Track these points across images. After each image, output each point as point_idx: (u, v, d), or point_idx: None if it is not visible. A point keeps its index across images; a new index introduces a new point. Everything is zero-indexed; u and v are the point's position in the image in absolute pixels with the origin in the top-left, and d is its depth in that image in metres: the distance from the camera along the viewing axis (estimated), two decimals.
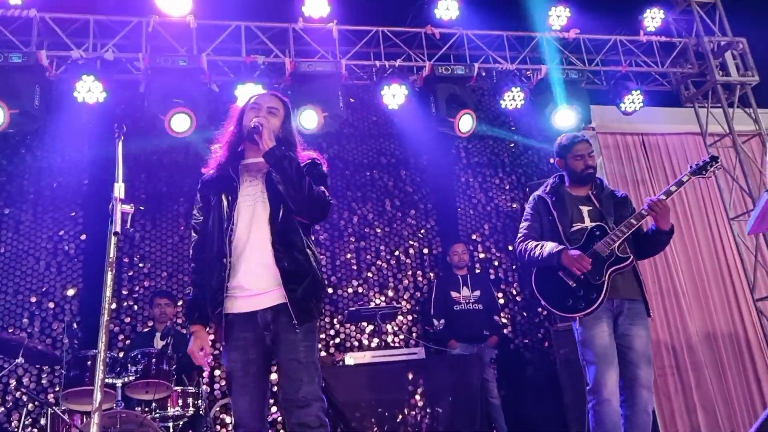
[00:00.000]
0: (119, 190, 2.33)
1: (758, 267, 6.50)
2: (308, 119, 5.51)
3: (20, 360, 4.32)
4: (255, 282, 2.55)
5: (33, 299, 5.69)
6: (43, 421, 4.39)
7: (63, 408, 4.25)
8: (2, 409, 5.33)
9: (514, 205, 7.13)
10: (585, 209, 3.54)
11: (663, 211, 3.31)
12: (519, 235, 3.68)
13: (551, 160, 7.24)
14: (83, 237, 5.95)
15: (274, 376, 2.63)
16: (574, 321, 3.42)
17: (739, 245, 6.56)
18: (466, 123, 5.78)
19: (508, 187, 7.19)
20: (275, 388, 2.67)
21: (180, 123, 5.20)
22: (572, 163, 3.58)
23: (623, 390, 3.30)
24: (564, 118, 6.00)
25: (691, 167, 3.48)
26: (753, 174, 6.61)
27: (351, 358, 4.80)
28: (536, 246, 3.49)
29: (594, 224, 3.47)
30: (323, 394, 2.50)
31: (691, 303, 6.99)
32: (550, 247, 3.42)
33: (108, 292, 2.15)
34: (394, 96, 5.78)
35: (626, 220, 3.38)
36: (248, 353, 2.54)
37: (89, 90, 5.11)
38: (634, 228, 3.36)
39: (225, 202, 2.63)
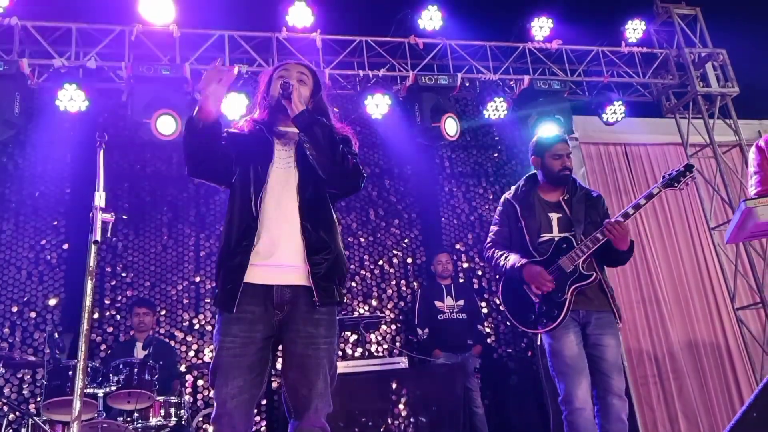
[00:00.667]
0: (100, 198, 2.33)
1: (738, 276, 6.58)
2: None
3: (0, 370, 4.28)
4: (277, 253, 2.32)
5: (14, 309, 5.63)
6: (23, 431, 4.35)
7: (44, 418, 4.20)
8: None
9: None
10: (555, 217, 3.48)
11: (620, 235, 3.26)
12: (488, 240, 3.63)
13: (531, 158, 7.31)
14: (65, 246, 5.91)
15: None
16: (534, 336, 3.43)
17: (720, 254, 6.64)
18: (451, 126, 5.81)
19: (491, 197, 7.23)
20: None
21: (166, 125, 5.18)
22: (550, 162, 3.49)
23: (597, 400, 3.30)
24: (546, 130, 6.05)
25: (663, 177, 3.45)
26: (733, 184, 6.70)
27: None
28: (501, 255, 3.45)
29: (561, 236, 3.40)
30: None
31: (673, 311, 7.05)
32: (513, 259, 3.38)
33: (88, 302, 2.14)
34: (378, 106, 5.81)
35: (592, 235, 3.30)
36: (254, 329, 2.27)
37: (71, 98, 5.09)
38: (600, 243, 3.29)
39: (256, 164, 2.43)
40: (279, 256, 2.32)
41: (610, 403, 3.25)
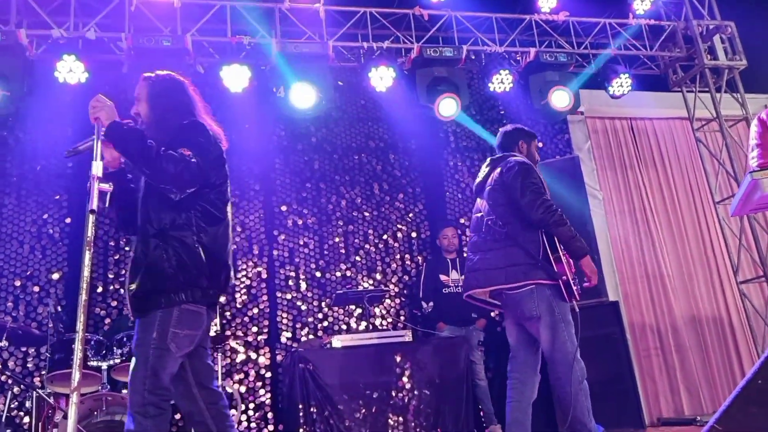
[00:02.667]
0: (97, 168, 2.30)
1: (742, 250, 6.56)
2: (301, 96, 5.50)
3: (4, 343, 4.29)
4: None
5: (17, 283, 5.62)
6: (28, 404, 4.39)
7: (48, 391, 4.23)
8: None
9: None
10: None
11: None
12: (544, 197, 3.49)
13: (540, 144, 7.25)
14: (68, 220, 5.88)
15: None
16: (563, 302, 3.46)
17: (724, 229, 6.61)
18: (446, 107, 5.75)
19: None
20: None
21: None
22: (534, 151, 3.84)
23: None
24: (560, 98, 6.00)
25: None
26: (739, 158, 6.65)
27: (338, 341, 4.80)
28: (571, 226, 3.48)
29: None
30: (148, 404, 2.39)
31: (677, 285, 7.05)
32: (584, 243, 3.50)
33: (86, 272, 2.11)
34: (382, 78, 5.74)
35: None
36: None
37: (70, 70, 5.03)
38: None
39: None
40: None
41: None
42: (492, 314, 6.50)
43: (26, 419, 5.01)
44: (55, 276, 5.70)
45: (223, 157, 2.65)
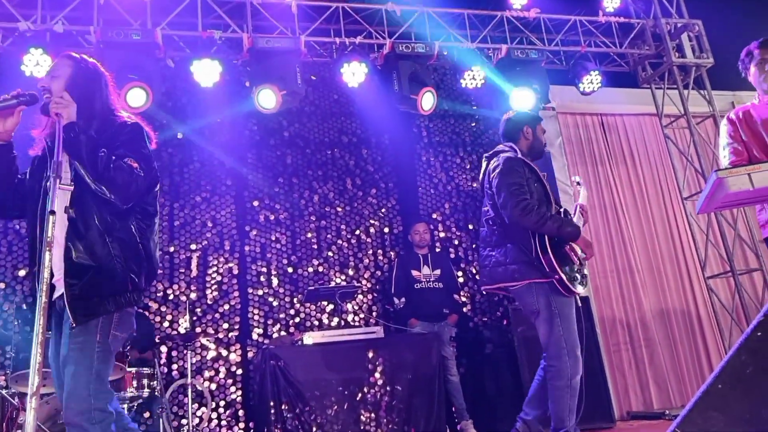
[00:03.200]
0: (56, 167, 2.25)
1: (709, 245, 6.68)
2: (266, 98, 5.44)
3: None
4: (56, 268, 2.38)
5: None
6: None
7: (12, 391, 4.15)
8: None
9: (475, 185, 7.17)
10: (549, 187, 3.68)
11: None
12: (522, 198, 3.43)
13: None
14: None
15: None
16: (554, 294, 3.44)
17: (692, 224, 6.73)
18: (428, 101, 5.77)
19: (468, 167, 7.22)
20: None
21: (136, 98, 5.06)
22: (540, 135, 3.74)
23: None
24: (522, 98, 6.04)
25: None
26: (706, 154, 6.76)
27: (309, 338, 4.80)
28: (552, 217, 3.42)
29: (563, 209, 3.68)
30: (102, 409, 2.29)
31: (646, 280, 7.16)
32: (571, 222, 3.50)
33: (45, 273, 2.07)
34: (354, 74, 5.73)
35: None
36: (56, 342, 2.43)
37: (37, 63, 4.94)
38: None
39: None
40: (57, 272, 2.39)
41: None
42: (464, 309, 6.55)
43: None
44: (21, 273, 5.61)
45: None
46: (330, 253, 6.46)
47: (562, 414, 3.37)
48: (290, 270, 6.27)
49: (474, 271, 6.86)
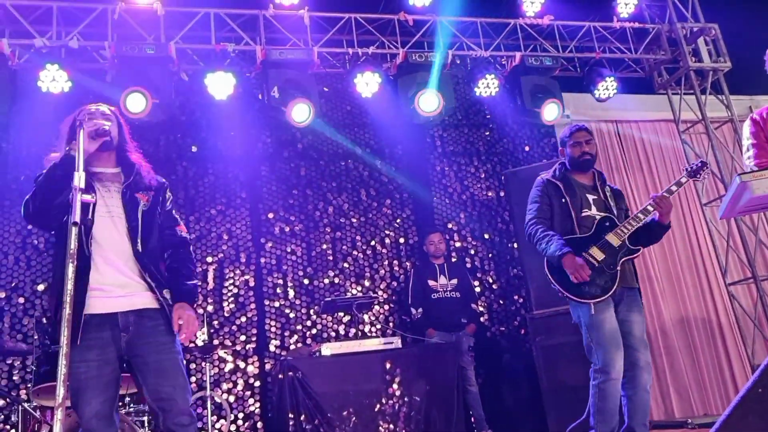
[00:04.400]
0: (79, 179, 2.27)
1: (730, 252, 6.59)
2: (299, 113, 5.47)
3: None
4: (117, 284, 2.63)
5: (2, 294, 5.56)
6: (14, 418, 4.31)
7: (34, 404, 4.16)
8: None
9: (490, 194, 7.13)
10: (591, 198, 3.75)
11: (667, 208, 3.54)
12: (529, 216, 3.80)
13: (527, 148, 7.27)
14: (53, 231, 5.81)
15: None
16: (585, 306, 3.53)
17: (712, 231, 6.64)
18: (428, 103, 5.72)
19: (483, 176, 7.19)
20: None
21: (135, 103, 5.07)
22: (571, 150, 3.78)
23: (625, 372, 3.52)
24: (551, 111, 6.03)
25: (687, 170, 3.72)
26: (725, 160, 6.68)
27: (327, 349, 4.77)
28: (544, 237, 3.66)
29: (602, 215, 3.68)
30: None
31: (665, 288, 7.07)
32: (554, 246, 3.58)
33: (69, 285, 2.08)
34: (368, 84, 5.72)
35: (634, 214, 3.60)
36: (106, 353, 2.55)
37: (53, 79, 4.98)
38: (643, 222, 3.59)
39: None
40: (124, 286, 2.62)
41: (638, 375, 3.50)
42: (481, 319, 6.49)
43: None
44: (41, 287, 5.64)
45: None
46: (346, 265, 6.44)
47: (592, 417, 3.54)
48: (306, 281, 6.26)
49: (490, 281, 6.82)
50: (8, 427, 5.06)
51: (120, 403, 4.29)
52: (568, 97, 6.70)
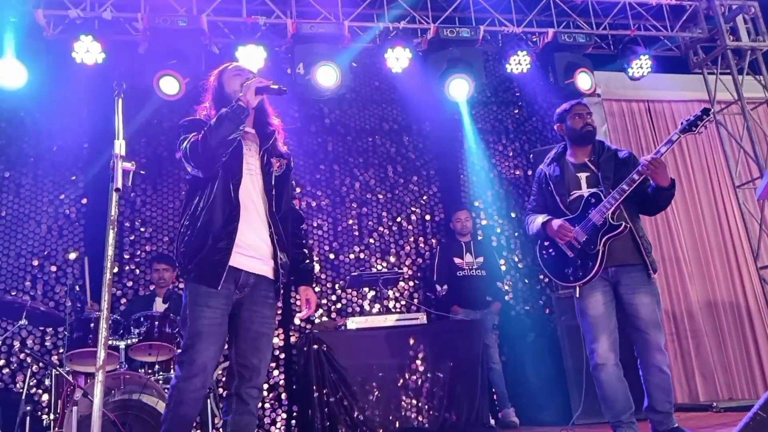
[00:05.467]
0: (120, 147, 2.29)
1: (762, 235, 6.47)
2: (325, 77, 5.46)
3: (23, 322, 4.33)
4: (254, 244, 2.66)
5: (35, 262, 5.69)
6: (47, 382, 4.43)
7: (67, 369, 4.26)
8: (7, 370, 5.37)
9: (518, 172, 7.08)
10: (583, 176, 3.58)
11: (659, 168, 3.30)
12: (526, 209, 3.87)
13: (555, 127, 7.16)
14: (84, 201, 5.92)
15: None
16: (574, 290, 3.50)
17: (744, 213, 6.53)
18: (458, 89, 5.70)
19: (511, 154, 7.14)
20: None
21: (169, 86, 5.14)
22: (572, 122, 3.60)
23: (638, 355, 3.44)
24: (583, 81, 5.94)
25: (681, 124, 3.44)
26: (760, 141, 6.54)
27: (353, 323, 4.81)
28: (532, 221, 3.68)
29: (590, 191, 3.50)
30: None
31: (693, 270, 6.99)
32: (539, 220, 3.57)
33: (110, 251, 2.12)
34: (398, 59, 5.68)
35: (619, 187, 3.38)
36: (228, 305, 2.61)
37: (87, 51, 5.03)
38: (627, 193, 3.37)
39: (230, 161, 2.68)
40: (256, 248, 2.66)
41: (650, 357, 3.37)
42: (506, 298, 6.49)
43: (45, 397, 5.08)
44: (72, 256, 5.76)
45: None
46: (371, 240, 6.47)
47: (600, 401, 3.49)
48: (332, 256, 6.30)
49: (516, 259, 6.80)
50: (41, 391, 5.21)
51: (150, 371, 4.39)
52: (599, 76, 6.58)
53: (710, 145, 7.43)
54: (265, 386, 5.77)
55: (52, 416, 4.22)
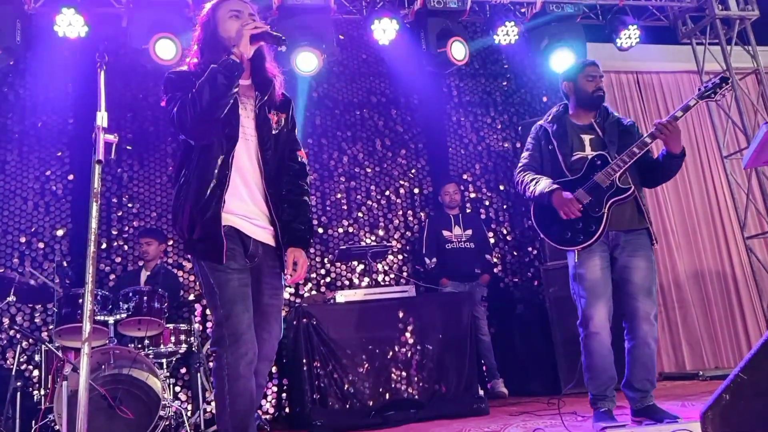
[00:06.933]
0: (102, 119, 2.26)
1: (749, 205, 6.52)
2: (306, 62, 5.40)
3: (12, 298, 4.32)
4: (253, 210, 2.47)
5: (22, 239, 5.66)
6: (37, 358, 4.44)
7: (57, 345, 4.27)
8: None
9: (506, 145, 7.07)
10: (587, 138, 3.43)
11: (674, 133, 3.18)
12: (519, 164, 3.58)
13: (544, 99, 7.15)
14: (71, 177, 5.87)
15: None
16: (570, 254, 3.35)
17: (731, 184, 6.56)
18: (458, 50, 5.65)
19: (500, 127, 7.12)
20: None
21: (165, 50, 5.06)
22: (584, 84, 3.44)
23: (625, 323, 3.30)
24: (561, 60, 5.90)
25: (699, 89, 3.31)
26: (748, 111, 6.55)
27: (342, 296, 4.82)
28: (531, 181, 3.42)
29: (595, 153, 3.35)
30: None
31: (680, 241, 7.05)
32: (543, 185, 3.35)
33: (94, 224, 2.11)
34: (385, 31, 5.62)
35: (629, 149, 3.23)
36: (246, 265, 2.44)
37: (70, 24, 4.95)
38: (637, 156, 3.23)
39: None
40: (257, 216, 2.47)
41: (636, 326, 3.23)
42: (495, 270, 6.52)
43: (35, 372, 5.09)
44: (60, 232, 5.73)
45: None
46: (360, 214, 6.47)
47: (584, 371, 3.36)
48: (320, 230, 6.30)
49: (505, 232, 6.82)
50: (31, 367, 5.22)
51: (140, 345, 4.40)
52: (588, 47, 6.54)
53: (698, 116, 7.44)
54: None
55: (42, 391, 4.25)
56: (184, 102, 2.29)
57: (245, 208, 2.43)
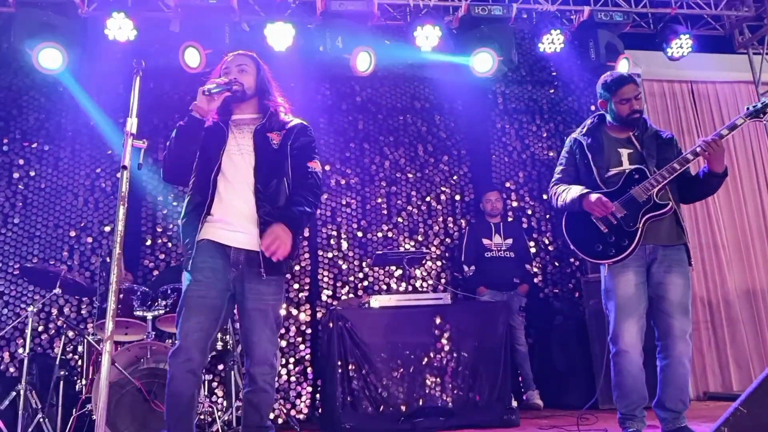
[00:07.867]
0: (131, 125, 2.35)
1: None
2: (362, 62, 5.53)
3: (57, 291, 4.49)
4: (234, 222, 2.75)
5: (72, 233, 5.86)
6: (80, 349, 4.60)
7: (98, 337, 4.42)
8: (46, 336, 5.58)
9: (551, 154, 6.96)
10: (625, 152, 3.34)
11: (718, 152, 3.10)
12: (553, 179, 3.52)
13: (592, 108, 7.01)
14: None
15: None
16: (602, 268, 3.28)
17: None
18: (482, 62, 5.61)
19: (545, 135, 7.01)
20: None
21: (191, 57, 5.20)
22: (617, 107, 3.32)
23: (658, 341, 3.21)
24: (623, 67, 5.80)
25: (747, 109, 3.21)
26: None
27: (376, 301, 4.83)
28: (563, 191, 3.35)
29: (633, 167, 3.26)
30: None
31: (732, 257, 6.80)
32: (574, 191, 3.27)
33: (120, 226, 2.17)
34: (428, 38, 5.61)
35: (669, 164, 3.14)
36: (216, 278, 2.70)
37: (120, 28, 5.11)
38: (677, 173, 3.15)
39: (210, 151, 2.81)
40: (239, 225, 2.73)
41: (670, 344, 3.15)
42: (535, 280, 6.43)
43: (79, 363, 5.26)
44: (107, 228, 5.91)
45: None
46: (400, 219, 6.46)
47: (613, 389, 3.28)
48: (360, 234, 6.32)
49: (546, 242, 6.71)
50: (76, 357, 5.41)
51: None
52: (639, 55, 6.41)
53: (755, 128, 7.18)
54: (291, 360, 5.87)
55: (83, 381, 4.39)
56: (165, 154, 2.83)
57: (229, 216, 2.71)
